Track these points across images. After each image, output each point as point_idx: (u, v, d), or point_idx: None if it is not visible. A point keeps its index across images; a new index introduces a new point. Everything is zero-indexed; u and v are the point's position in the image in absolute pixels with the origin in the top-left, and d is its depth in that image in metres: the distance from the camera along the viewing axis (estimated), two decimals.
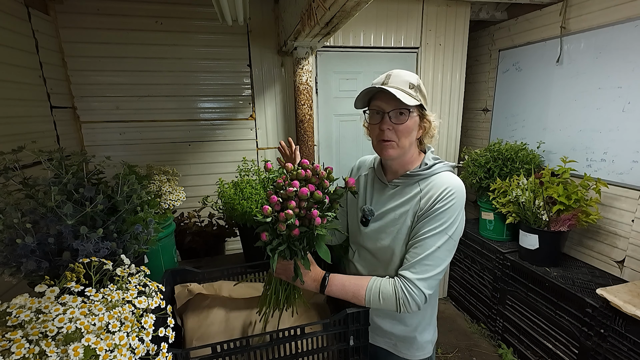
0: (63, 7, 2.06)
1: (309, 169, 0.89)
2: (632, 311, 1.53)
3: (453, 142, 2.89)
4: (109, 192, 1.01)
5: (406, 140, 0.97)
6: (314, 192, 0.85)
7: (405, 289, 0.93)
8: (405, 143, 0.97)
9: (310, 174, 0.88)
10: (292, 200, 0.84)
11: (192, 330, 0.99)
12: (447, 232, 0.94)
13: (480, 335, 2.66)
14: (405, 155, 1.01)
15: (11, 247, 0.87)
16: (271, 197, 0.85)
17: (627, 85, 1.95)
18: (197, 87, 2.40)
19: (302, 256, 0.91)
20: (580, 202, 1.99)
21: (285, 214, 0.82)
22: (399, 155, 0.99)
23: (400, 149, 0.97)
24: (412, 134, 0.98)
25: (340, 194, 0.91)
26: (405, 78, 0.95)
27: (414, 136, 0.99)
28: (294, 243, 0.89)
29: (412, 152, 1.03)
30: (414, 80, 0.96)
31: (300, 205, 0.86)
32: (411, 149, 1.02)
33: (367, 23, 2.50)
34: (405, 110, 0.94)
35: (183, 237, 1.81)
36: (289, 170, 0.90)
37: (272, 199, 0.85)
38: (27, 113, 1.75)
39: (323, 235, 0.88)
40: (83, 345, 0.58)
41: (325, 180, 0.88)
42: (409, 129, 0.96)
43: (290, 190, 0.84)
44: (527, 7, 2.56)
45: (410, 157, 1.03)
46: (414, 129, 0.97)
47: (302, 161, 0.91)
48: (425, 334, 1.13)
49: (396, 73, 0.96)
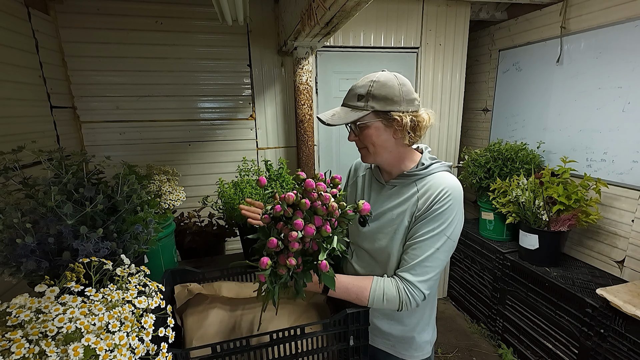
0: (63, 7, 2.06)
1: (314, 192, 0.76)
2: (632, 311, 1.53)
3: (453, 142, 2.89)
4: (109, 192, 1.01)
5: (373, 146, 0.99)
6: (321, 229, 0.74)
7: (408, 291, 0.94)
8: (376, 149, 0.99)
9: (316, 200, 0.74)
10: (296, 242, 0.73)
11: (192, 330, 0.99)
12: (445, 233, 0.94)
13: (480, 335, 2.66)
14: (386, 156, 1.01)
15: (11, 247, 0.87)
16: (270, 241, 0.73)
17: (627, 85, 1.95)
18: (197, 87, 2.40)
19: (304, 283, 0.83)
20: (580, 202, 1.99)
21: (287, 262, 0.73)
22: (375, 160, 1.03)
23: (374, 154, 1.01)
24: (379, 139, 0.97)
25: (351, 218, 0.83)
26: (356, 91, 0.97)
27: (383, 139, 0.97)
28: (296, 274, 0.82)
29: (396, 153, 1.01)
30: (363, 90, 0.95)
31: (304, 240, 0.76)
32: (393, 150, 1.00)
33: (367, 23, 2.50)
34: (352, 125, 0.99)
35: (183, 237, 1.81)
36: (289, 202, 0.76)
37: (271, 243, 0.73)
38: (27, 113, 1.75)
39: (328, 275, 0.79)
40: (83, 345, 0.58)
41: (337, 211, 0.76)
42: (369, 137, 0.98)
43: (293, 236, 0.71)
44: (527, 7, 2.56)
45: (398, 157, 1.02)
46: (378, 135, 0.97)
47: (306, 183, 0.78)
48: (424, 334, 1.13)
49: (353, 87, 0.99)
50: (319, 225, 0.75)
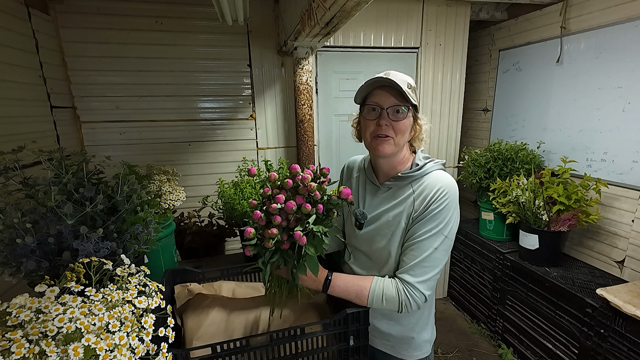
0: (63, 7, 2.06)
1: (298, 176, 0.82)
2: (632, 311, 1.53)
3: (453, 142, 2.89)
4: (109, 192, 1.01)
5: (402, 138, 0.97)
6: (301, 206, 0.80)
7: (407, 292, 0.94)
8: (401, 141, 0.97)
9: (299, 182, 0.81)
10: (277, 215, 0.79)
11: (192, 330, 0.99)
12: (443, 232, 0.94)
13: (480, 335, 2.66)
14: (398, 154, 1.01)
15: (11, 247, 0.87)
16: (254, 214, 0.79)
17: (627, 85, 1.95)
18: (197, 87, 2.40)
19: (295, 265, 0.87)
20: (580, 202, 1.99)
21: (269, 233, 0.78)
22: (393, 153, 0.99)
23: (396, 146, 0.97)
24: (407, 133, 0.98)
25: (335, 203, 0.86)
26: (404, 78, 0.95)
27: (407, 136, 0.99)
28: (286, 253, 0.86)
29: (404, 153, 1.03)
30: (411, 81, 0.96)
31: (288, 218, 0.80)
32: (403, 149, 1.02)
33: (367, 23, 2.50)
34: (403, 108, 0.94)
35: (183, 237, 1.81)
36: (272, 180, 0.83)
37: (255, 215, 0.79)
38: (27, 113, 1.75)
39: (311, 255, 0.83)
40: (83, 345, 0.58)
41: (316, 192, 0.82)
42: (405, 127, 0.96)
43: (273, 207, 0.78)
44: (527, 7, 2.56)
45: (402, 158, 1.03)
46: (409, 128, 0.98)
47: (291, 167, 0.85)
48: (423, 334, 1.13)
49: (394, 73, 0.96)
50: (300, 203, 0.80)
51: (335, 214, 0.88)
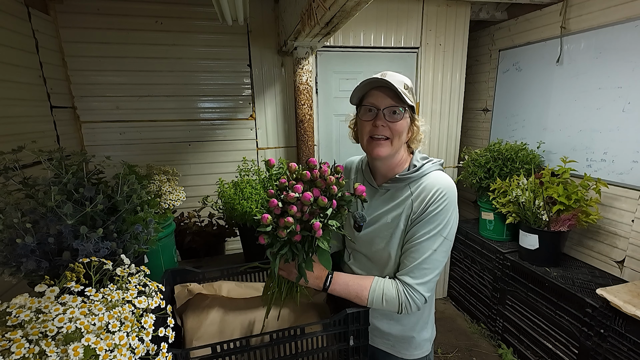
0: (63, 7, 2.06)
1: (316, 169, 0.83)
2: (632, 311, 1.53)
3: (453, 142, 2.89)
4: (109, 192, 1.01)
5: (398, 139, 0.96)
6: (318, 198, 0.80)
7: (408, 293, 0.94)
8: (398, 143, 0.96)
9: (317, 175, 0.82)
10: (294, 205, 0.79)
11: (191, 330, 0.99)
12: (442, 233, 0.94)
13: (480, 335, 2.66)
14: (394, 156, 1.01)
15: (11, 247, 0.87)
16: (271, 201, 0.80)
17: (627, 85, 1.95)
18: (197, 87, 2.40)
19: (304, 259, 0.88)
20: (580, 202, 1.99)
21: (285, 221, 0.78)
22: (389, 155, 0.98)
23: (393, 147, 0.96)
24: (404, 134, 0.97)
25: (349, 200, 0.86)
26: (400, 79, 0.94)
27: (404, 138, 0.99)
28: (295, 246, 0.86)
29: (401, 154, 1.02)
30: (408, 82, 0.96)
31: (303, 209, 0.80)
32: (401, 151, 1.02)
33: (367, 23, 2.50)
34: (400, 108, 0.93)
35: (183, 237, 1.81)
36: (292, 170, 0.84)
37: (272, 202, 0.80)
38: (27, 113, 1.75)
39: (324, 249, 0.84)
40: (83, 345, 0.58)
41: (334, 186, 0.82)
42: (402, 128, 0.95)
43: (291, 196, 0.78)
44: (527, 7, 2.56)
45: (400, 159, 1.03)
46: (406, 129, 0.97)
47: (309, 160, 0.86)
48: (423, 333, 1.13)
49: (391, 74, 0.95)
50: (317, 195, 0.80)
51: (347, 211, 0.88)
